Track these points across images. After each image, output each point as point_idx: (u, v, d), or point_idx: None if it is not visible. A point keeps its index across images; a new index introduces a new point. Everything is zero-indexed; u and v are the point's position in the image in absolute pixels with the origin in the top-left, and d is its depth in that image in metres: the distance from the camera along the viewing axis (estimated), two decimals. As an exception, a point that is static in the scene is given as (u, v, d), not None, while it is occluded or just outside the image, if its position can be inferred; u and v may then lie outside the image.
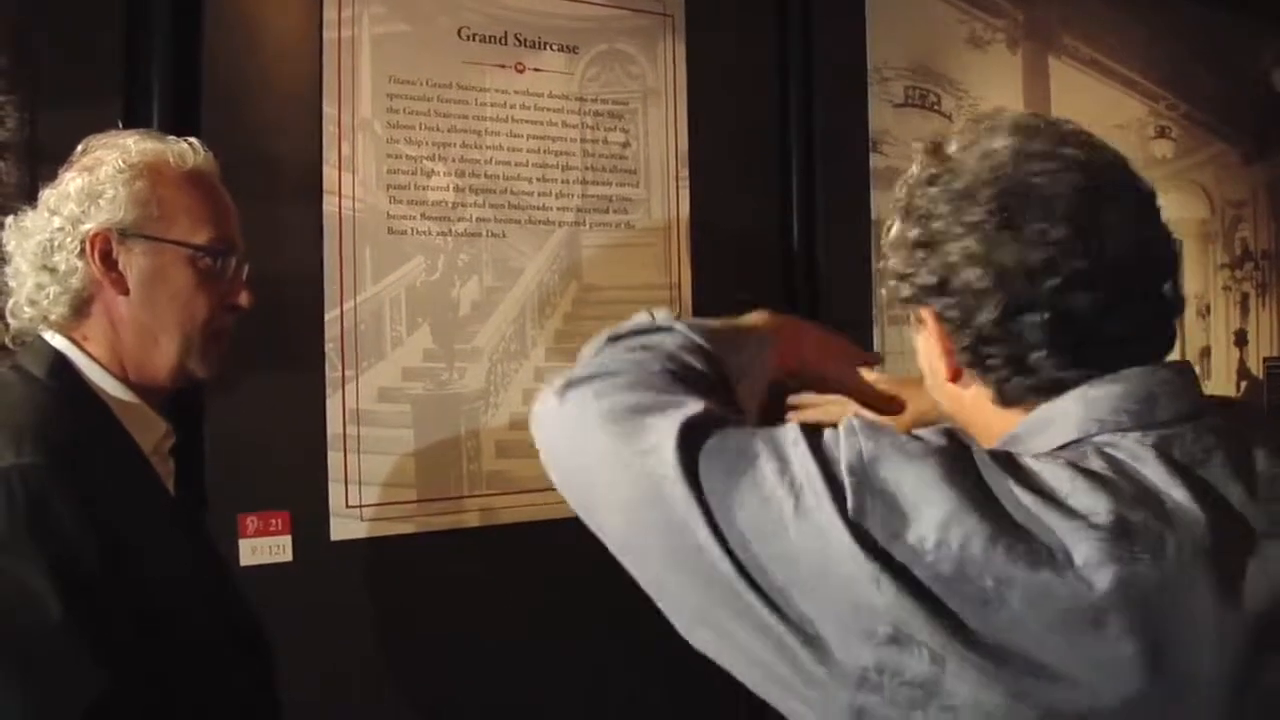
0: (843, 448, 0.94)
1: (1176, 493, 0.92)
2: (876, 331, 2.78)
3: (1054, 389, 1.01)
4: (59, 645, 1.23)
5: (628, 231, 2.43)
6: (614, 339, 1.17)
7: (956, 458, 0.93)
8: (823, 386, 1.46)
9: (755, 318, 1.34)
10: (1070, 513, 0.89)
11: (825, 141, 2.72)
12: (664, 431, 0.99)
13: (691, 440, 0.97)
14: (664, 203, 2.47)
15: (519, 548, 2.26)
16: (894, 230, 1.10)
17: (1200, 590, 0.89)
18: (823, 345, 1.44)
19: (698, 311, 2.48)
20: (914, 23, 2.90)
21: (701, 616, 0.98)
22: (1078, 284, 0.97)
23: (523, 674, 2.24)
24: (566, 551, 2.27)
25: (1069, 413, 1.00)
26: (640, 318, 1.20)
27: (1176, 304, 1.04)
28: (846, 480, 0.91)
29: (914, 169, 1.09)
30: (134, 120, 1.92)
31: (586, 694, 2.30)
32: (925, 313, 1.06)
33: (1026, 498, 0.90)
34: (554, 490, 2.28)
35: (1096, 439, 0.97)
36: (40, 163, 1.84)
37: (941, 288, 1.03)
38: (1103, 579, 0.86)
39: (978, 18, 3.02)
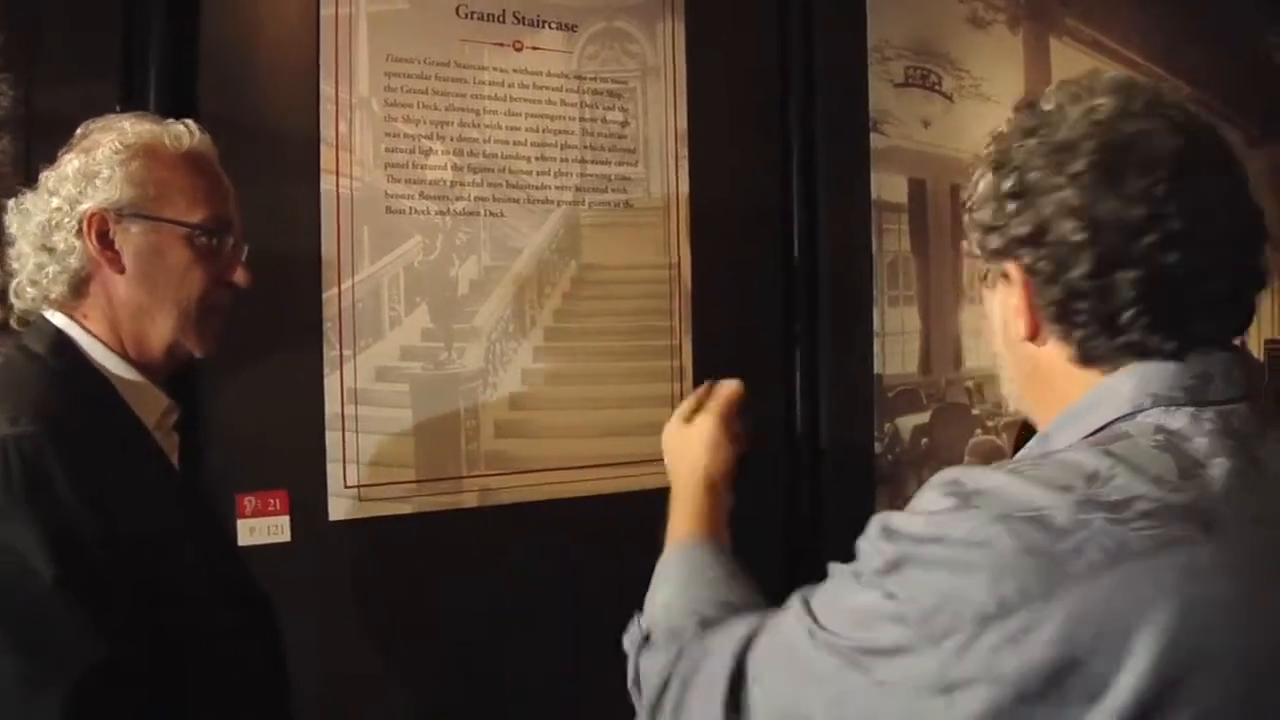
0: None
1: (1230, 462, 0.93)
2: (877, 312, 2.78)
3: (1138, 351, 1.00)
4: (53, 611, 1.24)
5: (627, 211, 2.42)
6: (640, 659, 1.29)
7: None
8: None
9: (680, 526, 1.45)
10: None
11: (825, 121, 2.71)
12: None
13: None
14: (663, 182, 2.46)
15: (518, 528, 2.26)
16: (984, 183, 1.08)
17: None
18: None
19: (697, 291, 2.49)
20: (914, 2, 2.88)
21: None
22: (1173, 244, 0.96)
23: (521, 655, 2.24)
24: (566, 532, 2.29)
25: (1121, 388, 1.00)
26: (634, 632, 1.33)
27: (1261, 277, 1.03)
28: None
29: (1005, 125, 1.09)
30: (131, 97, 1.92)
31: (584, 675, 2.28)
32: (1011, 266, 1.05)
33: None
34: (553, 470, 2.31)
35: (1150, 411, 0.97)
36: (36, 139, 1.84)
37: (1035, 239, 1.01)
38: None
39: (979, -3, 3.00)
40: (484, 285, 2.25)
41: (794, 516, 2.64)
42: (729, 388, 1.55)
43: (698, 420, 1.51)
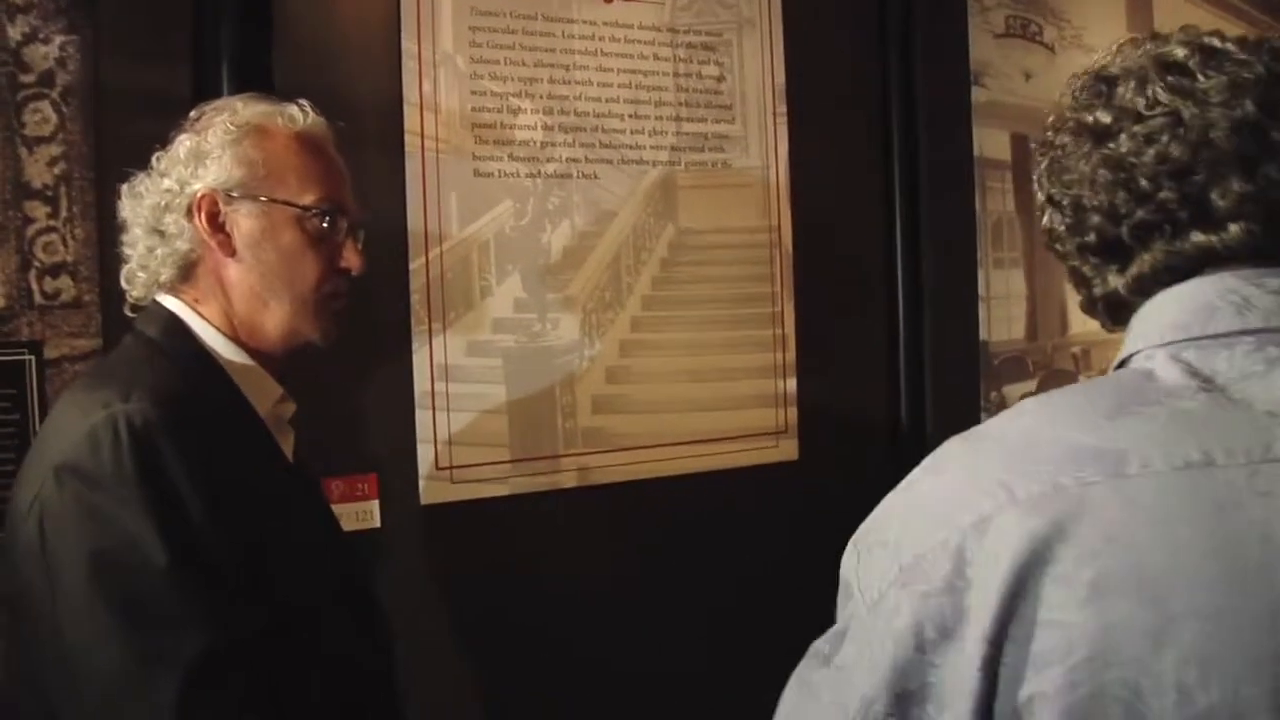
0: None
1: (1185, 402, 0.84)
2: (981, 275, 2.66)
3: (1104, 303, 0.97)
4: (165, 597, 1.23)
5: (724, 171, 2.29)
6: None
7: None
8: None
9: None
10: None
11: (925, 73, 2.59)
12: None
13: None
14: (761, 140, 2.33)
15: (618, 509, 2.17)
16: None
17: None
18: None
19: (799, 255, 2.37)
20: (1015, -53, 2.74)
21: None
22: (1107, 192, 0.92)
23: (622, 641, 2.14)
24: (668, 512, 2.20)
25: (1126, 338, 0.95)
26: None
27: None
28: None
29: None
30: (202, 56, 1.84)
31: (686, 658, 2.18)
32: None
33: None
34: (654, 447, 2.19)
35: (1134, 359, 0.91)
36: (104, 108, 1.77)
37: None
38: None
39: (1082, -58, 2.86)
40: (578, 252, 2.14)
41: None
42: None
43: None
